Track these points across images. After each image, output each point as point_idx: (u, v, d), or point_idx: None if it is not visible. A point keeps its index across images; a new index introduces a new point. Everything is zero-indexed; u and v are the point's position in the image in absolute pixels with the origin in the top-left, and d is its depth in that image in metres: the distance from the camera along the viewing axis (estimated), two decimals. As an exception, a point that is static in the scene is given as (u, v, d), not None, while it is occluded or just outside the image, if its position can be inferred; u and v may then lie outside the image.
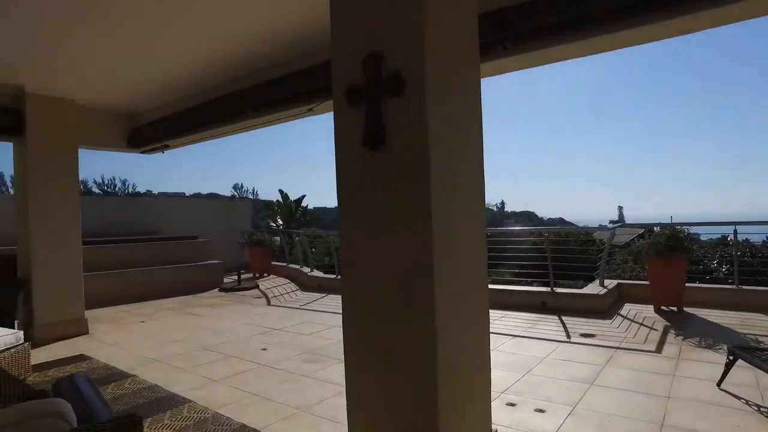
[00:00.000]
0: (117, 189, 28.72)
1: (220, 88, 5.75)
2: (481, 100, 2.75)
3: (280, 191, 16.85)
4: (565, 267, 8.30)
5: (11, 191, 17.97)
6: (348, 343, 2.59)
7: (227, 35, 4.51)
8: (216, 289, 10.09)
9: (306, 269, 10.71)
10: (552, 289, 7.16)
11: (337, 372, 4.51)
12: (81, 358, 5.25)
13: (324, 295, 9.12)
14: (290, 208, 16.67)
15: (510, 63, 3.84)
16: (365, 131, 2.37)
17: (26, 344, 4.34)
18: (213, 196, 25.15)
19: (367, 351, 2.50)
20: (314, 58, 4.62)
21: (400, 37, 2.27)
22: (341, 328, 2.60)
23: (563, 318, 6.37)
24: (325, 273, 10.54)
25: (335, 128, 2.57)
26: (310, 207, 19.05)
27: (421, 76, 2.20)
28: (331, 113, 2.60)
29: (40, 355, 5.33)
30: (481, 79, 2.81)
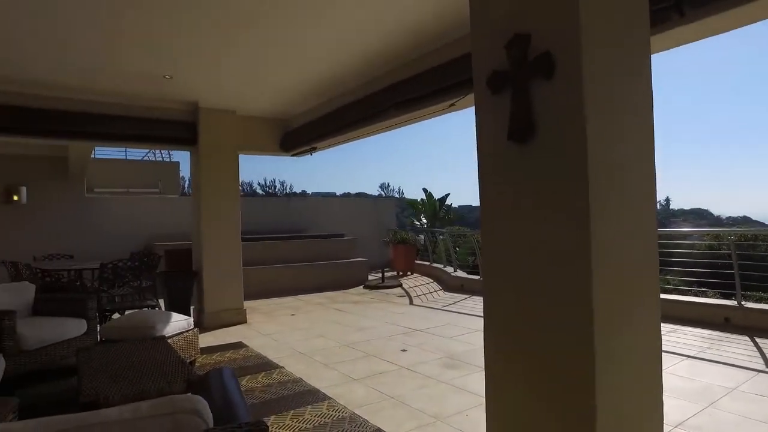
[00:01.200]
0: (277, 190, 31.63)
1: (362, 88, 5.87)
2: (651, 79, 2.29)
3: (424, 190, 17.00)
4: (755, 277, 6.95)
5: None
6: (489, 352, 2.34)
7: (369, 33, 4.55)
8: (361, 286, 10.46)
9: (449, 269, 10.58)
10: (739, 303, 6.02)
11: (477, 381, 4.28)
12: (239, 345, 5.74)
13: (467, 296, 8.89)
14: (434, 207, 16.70)
15: (687, 32, 3.20)
16: (511, 123, 2.10)
17: (196, 330, 4.85)
18: (361, 196, 26.33)
19: (510, 363, 2.23)
20: (457, 50, 4.43)
21: (549, 12, 1.97)
22: (482, 333, 2.36)
23: (757, 340, 5.30)
24: (468, 273, 10.29)
25: (477, 122, 2.36)
26: (454, 205, 18.90)
27: (576, 55, 1.85)
28: (473, 108, 2.38)
29: (207, 339, 5.95)
30: (652, 56, 2.34)
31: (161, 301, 7.01)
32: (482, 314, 2.35)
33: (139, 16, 4.03)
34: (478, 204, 2.40)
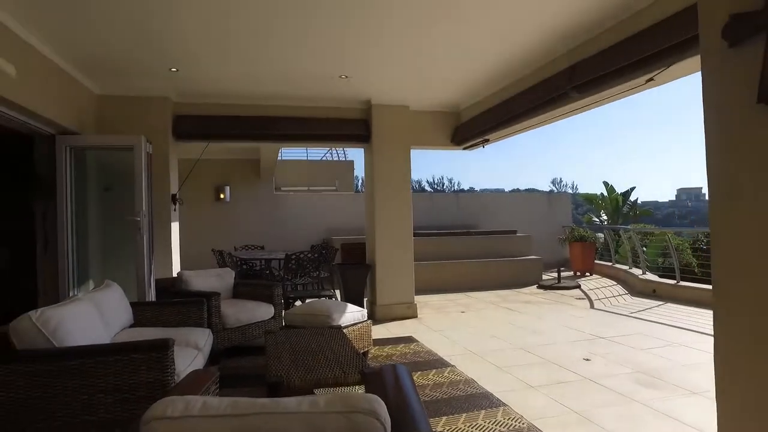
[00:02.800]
0: (444, 187, 31.88)
1: (537, 72, 5.43)
2: None
3: (605, 183, 15.48)
4: None
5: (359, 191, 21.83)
6: (723, 377, 1.86)
7: (544, 12, 4.14)
8: (534, 286, 9.85)
9: (636, 271, 9.40)
10: None
11: (683, 406, 3.60)
12: (410, 339, 5.73)
13: (660, 303, 7.75)
14: (616, 202, 15.11)
15: None
16: (763, 80, 1.61)
17: (369, 321, 4.96)
18: (530, 191, 25.11)
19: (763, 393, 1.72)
20: (652, 16, 3.78)
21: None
22: (685, 348, 1.89)
23: None
24: (660, 277, 9.00)
25: (704, 87, 1.88)
26: (640, 201, 16.87)
27: None
28: (675, 83, 1.93)
29: (379, 331, 6.07)
30: None
31: (337, 292, 7.41)
32: (682, 324, 1.86)
33: (322, 24, 4.32)
34: (669, 200, 1.92)
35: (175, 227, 6.45)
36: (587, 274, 10.53)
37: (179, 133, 6.44)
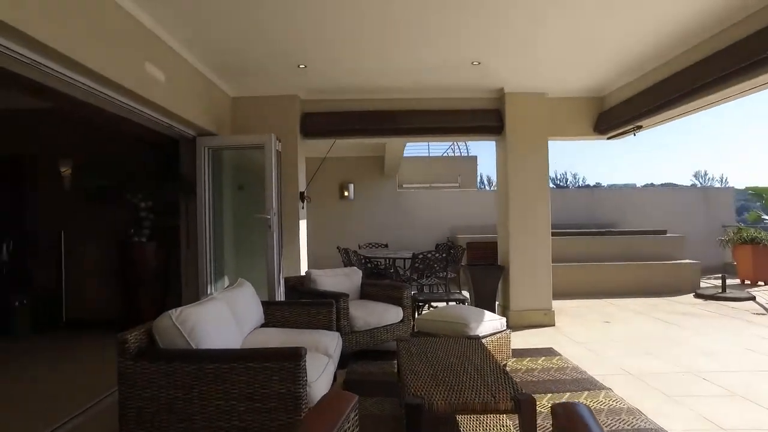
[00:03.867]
0: (568, 182, 29.74)
1: (722, 36, 4.51)
2: None
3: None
4: None
5: (486, 188, 20.95)
6: None
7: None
8: (689, 294, 8.53)
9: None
10: None
11: None
12: (551, 352, 5.12)
13: None
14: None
15: None
16: None
17: (508, 331, 4.47)
18: (667, 186, 22.33)
19: None
20: None
21: None
22: None
23: None
24: None
25: None
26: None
27: None
28: None
29: (514, 341, 5.48)
30: None
31: (466, 294, 6.96)
32: None
33: (453, 3, 3.87)
34: None
35: (302, 225, 6.48)
36: (760, 282, 8.90)
37: (307, 130, 6.45)
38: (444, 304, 5.89)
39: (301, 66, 5.43)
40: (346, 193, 11.21)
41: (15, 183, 6.42)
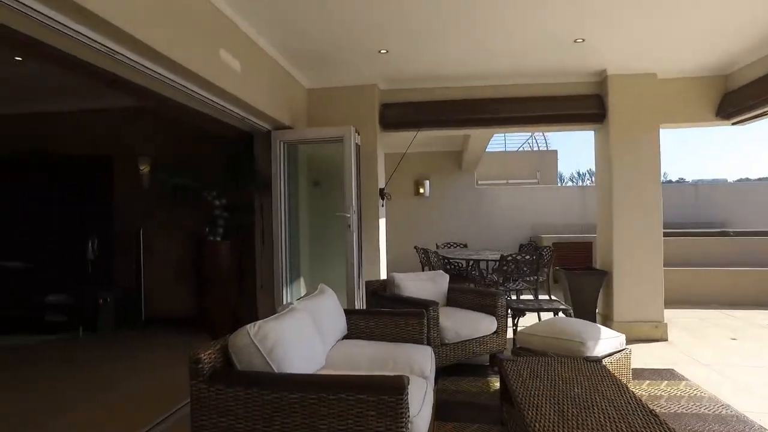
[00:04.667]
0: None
1: None
2: None
3: None
4: None
5: (569, 184, 19.79)
6: None
7: None
8: (829, 307, 7.29)
9: None
10: None
11: None
12: (673, 375, 4.35)
13: None
14: None
15: None
16: None
17: (628, 350, 3.79)
18: (765, 181, 19.91)
19: None
20: None
21: None
22: None
23: None
24: None
25: None
26: None
27: None
28: None
29: (626, 359, 4.78)
30: None
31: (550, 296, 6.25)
32: None
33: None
34: None
35: (382, 224, 6.05)
36: None
37: (386, 122, 6.01)
38: (538, 313, 5.25)
39: (382, 51, 4.98)
40: (421, 190, 10.69)
41: (98, 182, 6.45)
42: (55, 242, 6.52)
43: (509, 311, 4.83)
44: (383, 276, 5.95)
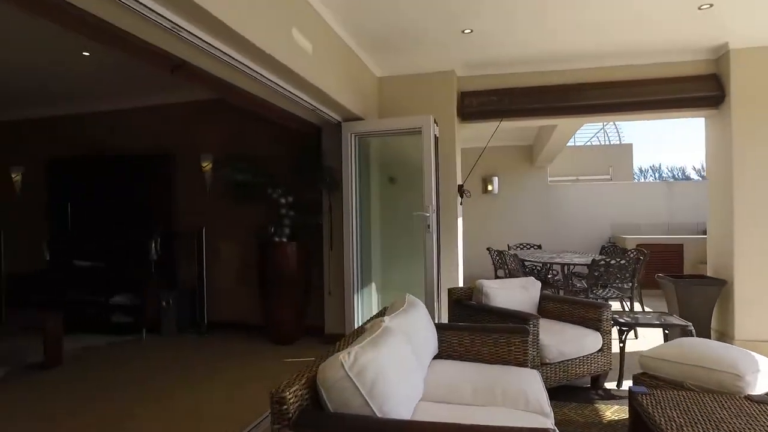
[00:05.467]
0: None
1: None
2: None
3: None
4: None
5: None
6: None
7: None
8: None
9: None
10: None
11: None
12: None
13: None
14: None
15: None
16: None
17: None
18: None
19: None
20: None
21: None
22: None
23: None
24: None
25: None
26: None
27: None
28: None
29: (759, 387, 4.01)
30: None
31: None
32: None
33: None
34: None
35: (460, 224, 5.50)
36: None
37: (466, 112, 5.44)
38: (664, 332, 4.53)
39: (465, 31, 4.43)
40: (489, 187, 10.02)
41: (159, 180, 6.25)
42: (119, 242, 6.39)
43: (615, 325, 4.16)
44: (461, 282, 5.41)
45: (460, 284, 5.36)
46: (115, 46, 2.93)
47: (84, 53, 4.85)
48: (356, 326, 4.86)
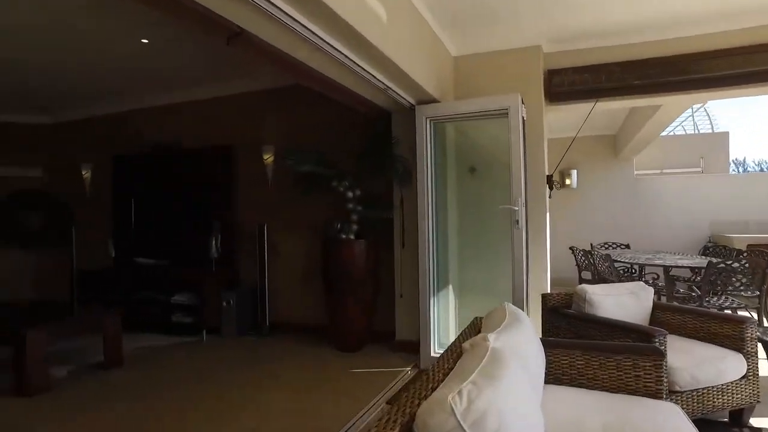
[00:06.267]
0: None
1: None
2: None
3: None
4: None
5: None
6: None
7: None
8: None
9: None
10: None
11: None
12: None
13: None
14: None
15: None
16: None
17: None
18: None
19: None
20: None
21: None
22: None
23: None
24: None
25: None
26: None
27: None
28: None
29: None
30: None
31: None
32: None
33: None
34: None
35: (548, 220, 4.83)
36: None
37: (554, 92, 4.76)
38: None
39: (557, -4, 3.78)
40: (567, 181, 9.15)
41: (219, 174, 5.97)
42: (179, 239, 6.19)
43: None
44: (548, 286, 4.73)
45: (548, 288, 4.70)
46: (169, 11, 2.56)
47: (143, 40, 4.61)
48: (432, 333, 4.32)
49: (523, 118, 4.09)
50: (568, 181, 9.13)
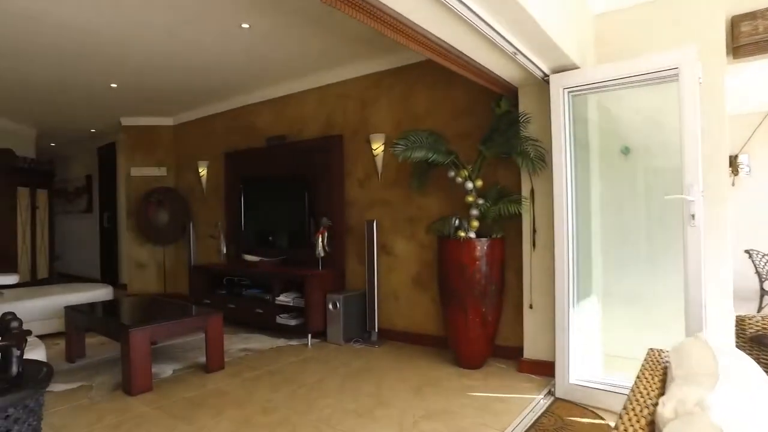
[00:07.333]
0: None
1: None
2: None
3: None
4: None
5: None
6: None
7: None
8: None
9: None
10: None
11: None
12: None
13: None
14: None
15: None
16: None
17: None
18: None
19: None
20: None
21: None
22: None
23: None
24: None
25: None
26: None
27: None
28: None
29: None
30: None
31: None
32: None
33: None
34: None
35: (729, 215, 3.71)
36: None
37: (743, 44, 3.63)
38: None
39: None
40: (738, 168, 7.46)
41: (328, 166, 5.61)
42: (285, 236, 5.97)
43: None
44: (731, 302, 3.62)
45: (731, 305, 3.59)
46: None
47: (243, 25, 4.36)
48: (568, 352, 3.48)
49: (699, 78, 3.10)
50: (739, 168, 7.45)
